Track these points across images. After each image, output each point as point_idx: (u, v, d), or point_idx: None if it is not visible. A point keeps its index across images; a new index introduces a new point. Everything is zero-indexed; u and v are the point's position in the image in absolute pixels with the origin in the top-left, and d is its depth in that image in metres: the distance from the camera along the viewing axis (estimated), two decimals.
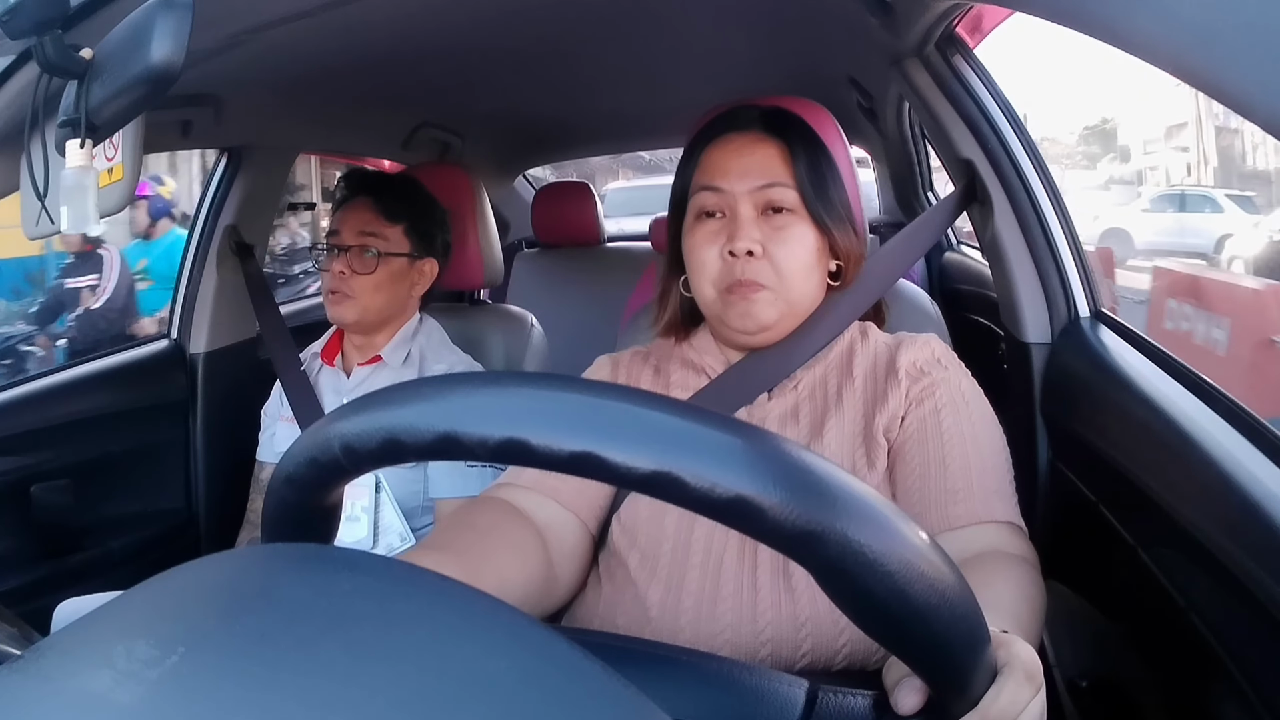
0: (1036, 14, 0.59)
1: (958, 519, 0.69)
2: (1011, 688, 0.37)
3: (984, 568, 0.63)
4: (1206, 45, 0.40)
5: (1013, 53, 1.83)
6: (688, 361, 0.85)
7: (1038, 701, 0.39)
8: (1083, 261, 1.01)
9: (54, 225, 0.67)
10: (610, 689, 0.27)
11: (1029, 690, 0.38)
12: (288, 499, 0.38)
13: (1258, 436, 0.64)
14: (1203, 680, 0.66)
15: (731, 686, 0.40)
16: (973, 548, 0.67)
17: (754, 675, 0.40)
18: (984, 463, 0.72)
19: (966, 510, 0.69)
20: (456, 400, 0.33)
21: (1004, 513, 0.70)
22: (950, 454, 0.72)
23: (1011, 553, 0.67)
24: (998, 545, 0.68)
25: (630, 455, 0.30)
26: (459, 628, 0.29)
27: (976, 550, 0.67)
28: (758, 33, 1.39)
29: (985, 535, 0.69)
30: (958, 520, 0.69)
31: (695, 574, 0.71)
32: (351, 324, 1.21)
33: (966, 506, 0.69)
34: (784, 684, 0.40)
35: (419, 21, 1.19)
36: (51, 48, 0.59)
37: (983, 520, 0.69)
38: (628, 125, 2.17)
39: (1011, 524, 0.71)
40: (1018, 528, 0.71)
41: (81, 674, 0.27)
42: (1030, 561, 0.68)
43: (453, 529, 0.70)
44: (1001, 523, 0.70)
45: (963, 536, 0.68)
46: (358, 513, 1.14)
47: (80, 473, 1.31)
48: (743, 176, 0.78)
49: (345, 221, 1.21)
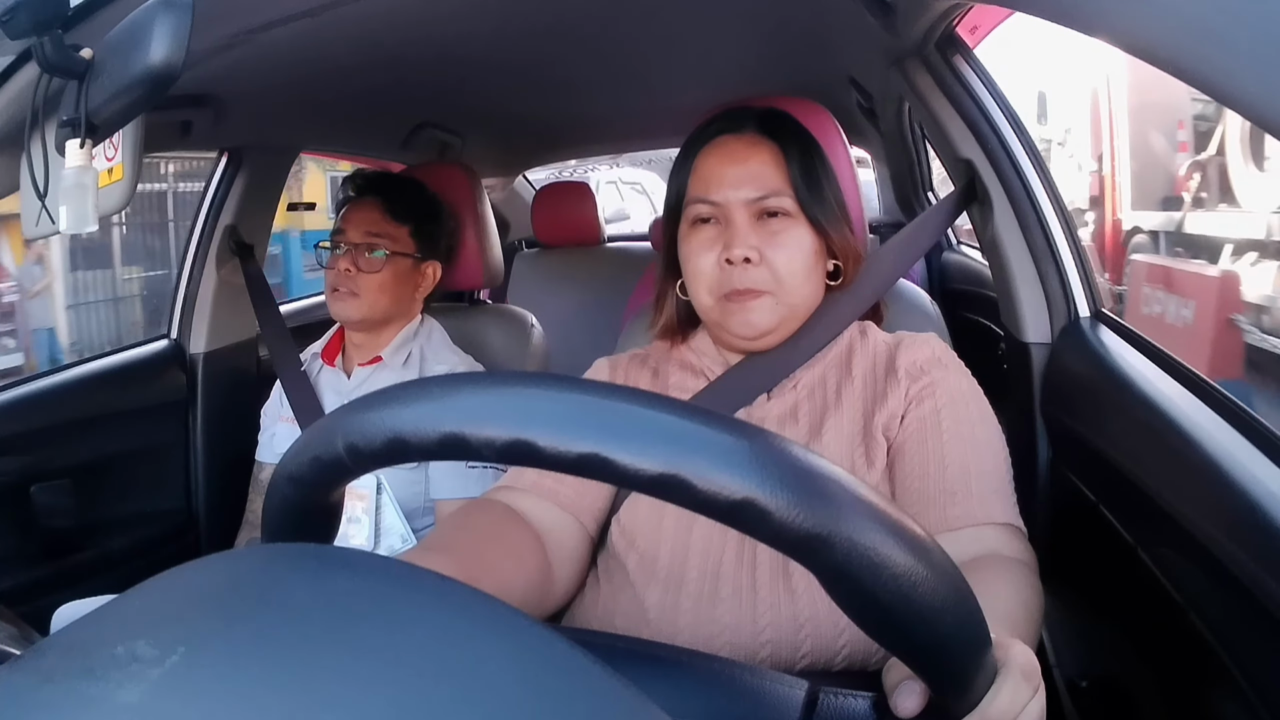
0: (1036, 14, 0.59)
1: (956, 520, 0.69)
2: (1010, 688, 0.37)
3: (982, 572, 0.63)
4: (1206, 45, 0.40)
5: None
6: (686, 364, 0.85)
7: (1037, 702, 0.39)
8: (1083, 261, 1.01)
9: (54, 225, 0.67)
10: (610, 689, 0.27)
11: (1027, 691, 0.38)
12: (289, 498, 0.38)
13: (1258, 436, 0.64)
14: (1203, 680, 0.66)
15: (731, 687, 0.40)
16: (971, 550, 0.67)
17: (754, 676, 0.40)
18: (983, 464, 0.72)
19: (965, 512, 0.69)
20: (463, 400, 0.33)
21: (1002, 514, 0.70)
22: (949, 454, 0.72)
23: (1009, 556, 0.67)
24: (996, 548, 0.68)
25: (638, 457, 0.30)
26: (458, 628, 0.29)
27: (975, 553, 0.67)
28: (757, 33, 1.39)
29: (983, 538, 0.68)
30: (956, 521, 0.69)
31: (694, 575, 0.71)
32: (354, 322, 1.21)
33: (965, 508, 0.69)
34: (784, 685, 0.40)
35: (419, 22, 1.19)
36: (51, 48, 0.60)
37: (981, 522, 0.69)
38: (627, 125, 2.17)
39: (1010, 525, 0.70)
40: (1016, 529, 0.71)
41: (81, 674, 0.27)
42: (1028, 564, 0.68)
43: (451, 531, 0.70)
44: (1000, 524, 0.70)
45: (961, 538, 0.68)
46: (359, 514, 1.14)
47: (80, 473, 1.31)
48: (737, 187, 0.77)
49: (352, 220, 1.21)
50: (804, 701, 0.39)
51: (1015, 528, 0.71)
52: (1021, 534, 0.71)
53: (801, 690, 0.39)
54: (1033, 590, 0.64)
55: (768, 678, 0.40)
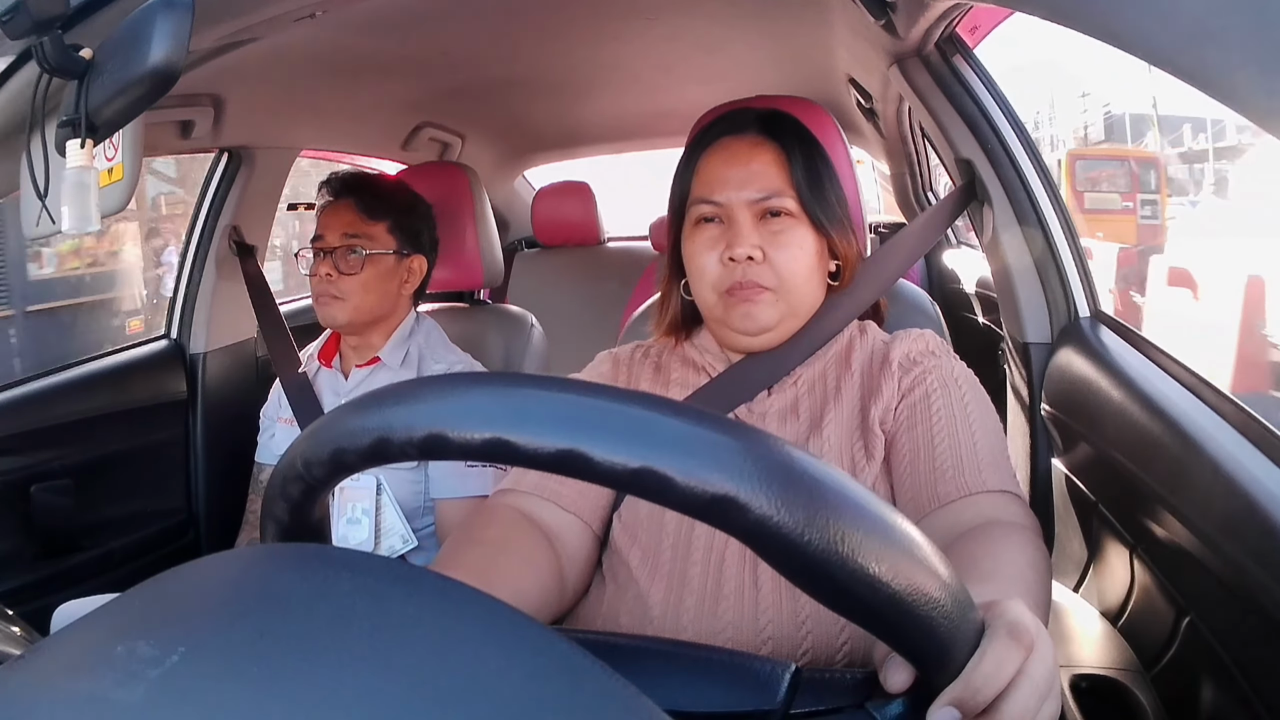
0: (1036, 14, 0.59)
1: (947, 495, 0.68)
2: (995, 651, 0.35)
3: (977, 538, 0.62)
4: (1206, 45, 0.40)
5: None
6: (688, 360, 0.86)
7: (1039, 663, 0.37)
8: (1082, 261, 1.01)
9: (55, 225, 0.67)
10: (610, 689, 0.27)
11: (1016, 651, 0.36)
12: (283, 500, 0.38)
13: (1258, 436, 0.64)
14: (1203, 680, 0.66)
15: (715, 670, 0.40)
16: (965, 520, 0.66)
17: (738, 658, 0.40)
18: (973, 439, 0.71)
19: (955, 485, 0.69)
20: (442, 400, 0.33)
21: (996, 482, 0.69)
22: (939, 434, 0.71)
23: (1006, 520, 0.66)
24: (991, 515, 0.66)
25: (611, 453, 0.30)
26: (458, 628, 0.29)
27: (969, 522, 0.65)
28: (758, 33, 1.39)
29: (977, 506, 0.67)
30: (947, 496, 0.68)
31: (697, 571, 0.71)
32: (343, 325, 1.21)
33: (956, 483, 0.69)
34: (768, 665, 0.40)
35: (419, 21, 1.19)
36: (51, 48, 0.60)
37: (973, 492, 0.68)
38: (628, 125, 2.17)
39: (1006, 492, 0.69)
40: (1013, 495, 0.69)
41: (81, 674, 0.27)
42: (1028, 526, 0.66)
43: (462, 545, 0.70)
44: (995, 492, 0.68)
45: (953, 511, 0.67)
46: (359, 515, 1.14)
47: (80, 473, 1.31)
48: (740, 188, 0.78)
49: (328, 224, 1.21)
50: (788, 681, 0.39)
51: (1011, 494, 0.69)
52: (1020, 500, 0.69)
53: (787, 671, 0.39)
54: (1036, 549, 0.62)
55: (754, 660, 0.40)
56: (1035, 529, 0.67)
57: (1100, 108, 10.64)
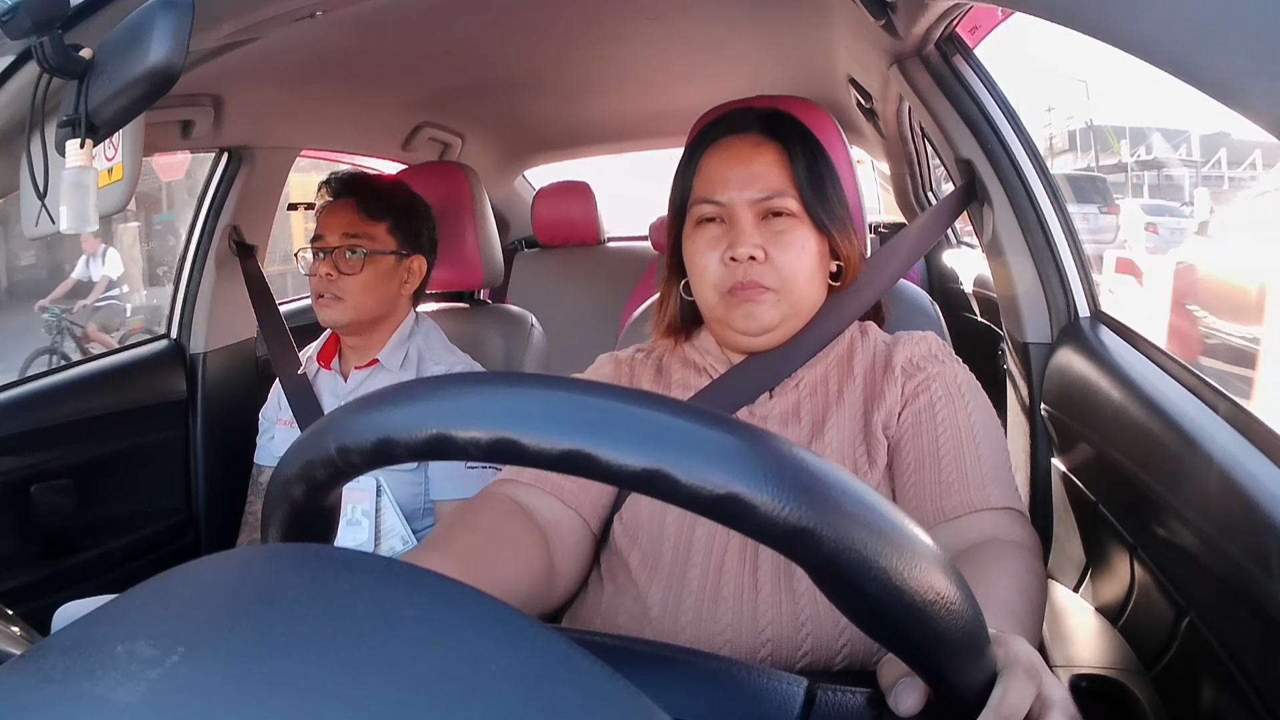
0: (1036, 14, 0.59)
1: (952, 510, 0.69)
2: (1017, 685, 0.37)
3: (979, 559, 0.62)
4: (1206, 45, 0.40)
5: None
6: (690, 361, 0.86)
7: (1058, 689, 0.40)
8: (1083, 261, 1.01)
9: (54, 225, 0.67)
10: (610, 689, 0.27)
11: (1031, 688, 0.38)
12: (285, 502, 0.38)
13: (1257, 436, 0.64)
14: (1203, 680, 0.66)
15: (730, 685, 0.40)
16: (969, 537, 0.66)
17: (752, 674, 0.40)
18: (978, 451, 0.72)
19: (961, 500, 0.69)
20: (448, 400, 0.33)
21: (1000, 499, 0.70)
22: (944, 446, 0.72)
23: (1008, 540, 0.67)
24: (994, 533, 0.67)
25: (621, 452, 0.30)
26: (459, 628, 0.29)
27: (972, 540, 0.66)
28: (758, 33, 1.39)
29: (980, 523, 0.68)
30: (952, 511, 0.69)
31: (696, 573, 0.71)
32: (343, 325, 1.21)
33: (961, 496, 0.69)
34: (783, 682, 0.40)
35: (420, 21, 1.19)
36: (51, 48, 0.60)
37: (977, 508, 0.69)
38: (628, 125, 2.17)
39: (1008, 509, 0.70)
40: (1016, 512, 0.70)
41: (81, 674, 0.27)
42: (1028, 547, 0.67)
43: (454, 530, 0.70)
44: (998, 509, 0.69)
45: (958, 527, 0.68)
46: (359, 516, 1.14)
47: (80, 473, 1.31)
48: (742, 187, 0.78)
49: (328, 224, 1.21)
50: (803, 699, 0.39)
51: (1014, 511, 0.70)
52: (1021, 517, 0.70)
53: (800, 687, 0.39)
54: (1032, 574, 0.63)
55: (767, 675, 0.40)
56: (1035, 548, 0.68)
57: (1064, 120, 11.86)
